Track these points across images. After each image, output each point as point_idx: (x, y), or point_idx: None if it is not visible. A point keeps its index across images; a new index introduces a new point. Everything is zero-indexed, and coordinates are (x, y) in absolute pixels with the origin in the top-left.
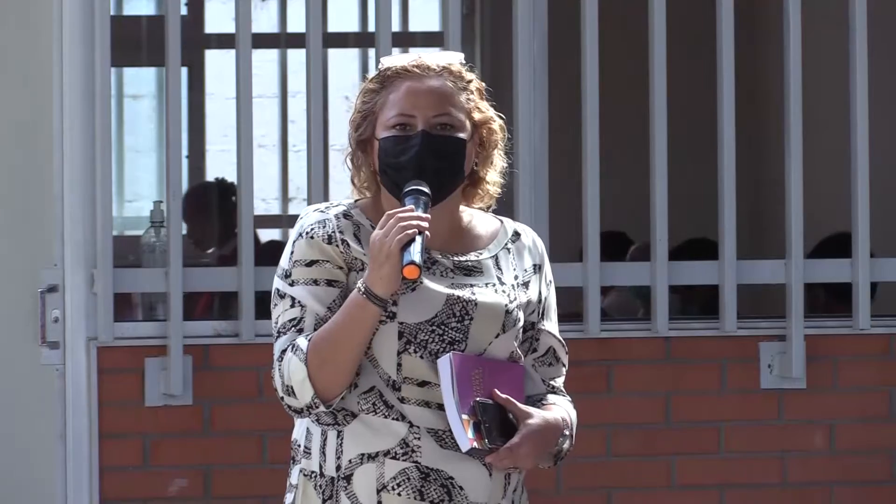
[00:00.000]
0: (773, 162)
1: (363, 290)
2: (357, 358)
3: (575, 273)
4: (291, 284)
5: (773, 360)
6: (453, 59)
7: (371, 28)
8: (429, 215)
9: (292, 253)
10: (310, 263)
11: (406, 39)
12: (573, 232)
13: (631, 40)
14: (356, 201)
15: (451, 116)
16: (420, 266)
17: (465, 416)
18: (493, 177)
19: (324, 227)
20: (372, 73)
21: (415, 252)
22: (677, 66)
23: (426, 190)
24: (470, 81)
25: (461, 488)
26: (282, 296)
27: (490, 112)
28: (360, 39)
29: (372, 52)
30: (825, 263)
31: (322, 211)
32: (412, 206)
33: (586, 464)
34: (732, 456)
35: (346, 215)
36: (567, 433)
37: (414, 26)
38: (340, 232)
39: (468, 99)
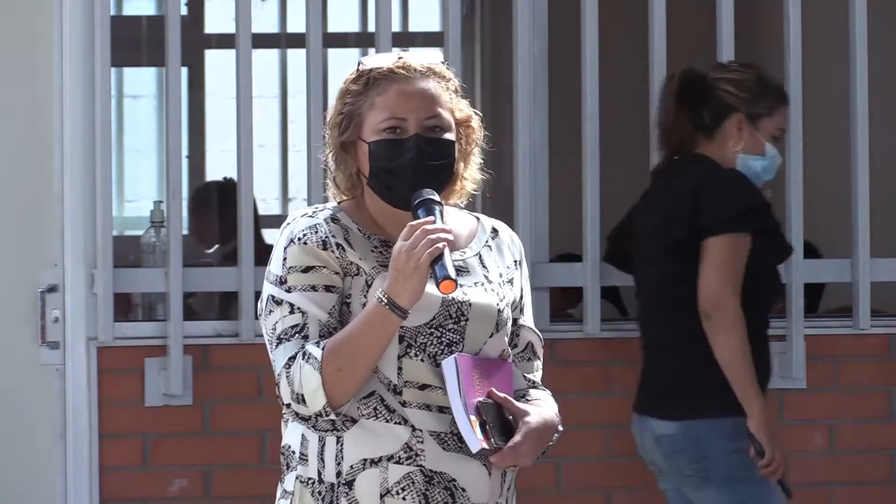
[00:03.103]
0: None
1: (385, 301)
2: (372, 366)
3: (575, 273)
4: (288, 291)
5: (773, 360)
6: (434, 58)
7: (371, 28)
8: (451, 226)
9: (285, 259)
10: (306, 269)
11: (406, 39)
12: (573, 232)
13: (631, 40)
14: (339, 204)
15: (441, 118)
16: (456, 280)
17: (472, 418)
18: (471, 174)
19: (316, 232)
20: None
21: (449, 267)
22: (677, 64)
23: (438, 199)
24: (450, 80)
25: (463, 490)
26: (278, 302)
27: (469, 110)
28: (360, 39)
29: (372, 52)
30: (825, 264)
31: (310, 216)
32: (433, 218)
33: (586, 464)
34: None
35: (334, 219)
36: (560, 429)
37: (414, 26)
38: (333, 236)
39: (451, 98)
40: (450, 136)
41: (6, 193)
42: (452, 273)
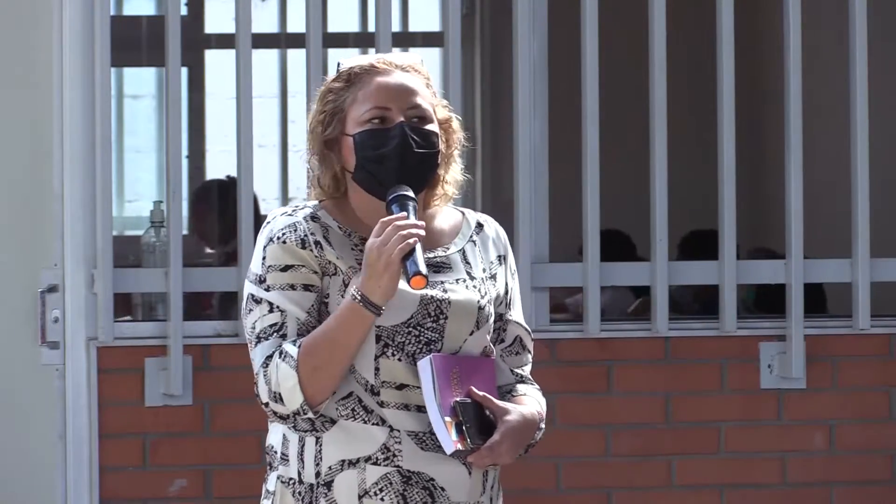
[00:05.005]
0: (773, 163)
1: (359, 298)
2: (348, 364)
3: (575, 273)
4: (267, 290)
5: (773, 360)
6: (414, 59)
7: (371, 28)
8: (423, 222)
9: (265, 258)
10: (285, 268)
11: (406, 39)
12: (573, 232)
13: (631, 40)
14: (320, 203)
15: (423, 109)
16: (427, 276)
17: (447, 419)
18: (453, 176)
19: (295, 230)
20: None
21: (420, 262)
22: (677, 64)
23: (412, 195)
24: (429, 80)
25: (443, 489)
26: (258, 301)
27: (449, 112)
28: (360, 39)
29: (372, 52)
30: (825, 263)
31: (290, 214)
32: (405, 214)
33: (586, 464)
34: (732, 456)
35: (313, 218)
36: (542, 426)
37: (414, 26)
38: (312, 234)
39: (432, 94)
40: (433, 127)
41: (6, 193)
42: (423, 269)
